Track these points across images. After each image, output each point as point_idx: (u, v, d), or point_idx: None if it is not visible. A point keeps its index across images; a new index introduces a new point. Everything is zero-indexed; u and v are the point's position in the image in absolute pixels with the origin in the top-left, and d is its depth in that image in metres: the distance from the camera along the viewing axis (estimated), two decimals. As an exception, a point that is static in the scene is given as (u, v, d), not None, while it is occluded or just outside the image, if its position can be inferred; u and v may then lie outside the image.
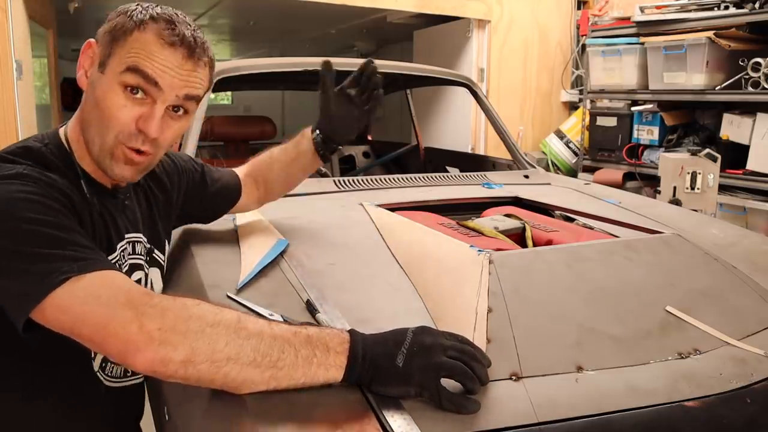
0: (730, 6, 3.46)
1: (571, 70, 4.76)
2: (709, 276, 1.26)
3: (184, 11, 0.99)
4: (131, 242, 1.09)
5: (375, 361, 0.81)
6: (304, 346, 0.80)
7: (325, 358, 0.80)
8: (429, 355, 0.81)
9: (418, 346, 0.82)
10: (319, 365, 0.80)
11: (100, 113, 0.94)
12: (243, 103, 8.72)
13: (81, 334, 0.80)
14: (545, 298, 1.07)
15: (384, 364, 0.81)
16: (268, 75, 2.58)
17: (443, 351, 0.82)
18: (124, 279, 0.85)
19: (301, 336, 0.81)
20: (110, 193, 1.05)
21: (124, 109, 0.93)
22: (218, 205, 1.39)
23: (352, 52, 6.96)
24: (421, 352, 0.81)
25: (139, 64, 0.92)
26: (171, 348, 0.76)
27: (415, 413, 0.80)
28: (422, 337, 0.83)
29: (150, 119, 0.94)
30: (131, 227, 1.09)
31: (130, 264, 1.08)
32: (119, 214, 1.06)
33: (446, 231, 1.40)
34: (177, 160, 1.29)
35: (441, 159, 3.27)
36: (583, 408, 0.85)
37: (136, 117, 0.94)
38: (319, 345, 0.81)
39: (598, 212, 1.70)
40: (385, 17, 4.64)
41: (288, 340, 0.80)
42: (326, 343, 0.81)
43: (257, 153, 1.51)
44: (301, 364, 0.79)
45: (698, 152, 3.05)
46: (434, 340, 0.83)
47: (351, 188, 1.85)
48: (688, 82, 3.61)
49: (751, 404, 0.92)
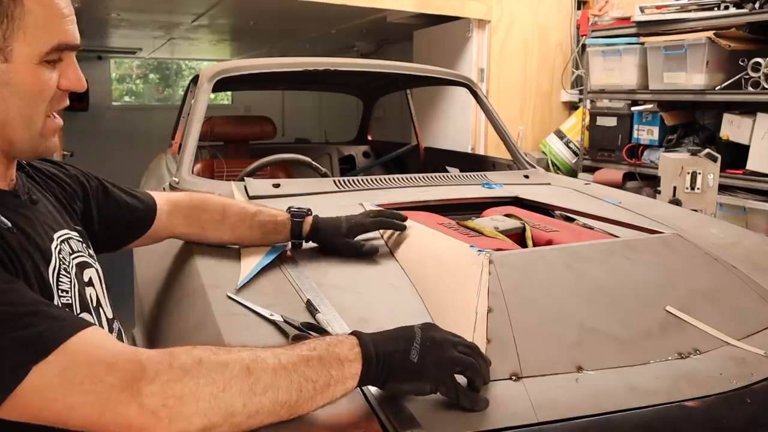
0: (730, 6, 3.46)
1: (571, 70, 4.76)
2: (709, 276, 1.26)
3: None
4: (64, 240, 0.96)
5: (389, 359, 0.79)
6: (319, 373, 0.75)
7: (341, 373, 0.77)
8: (442, 350, 0.81)
9: (429, 341, 0.81)
10: (336, 384, 0.76)
11: (25, 101, 0.83)
12: (243, 103, 8.72)
13: (71, 425, 0.69)
14: (545, 298, 1.07)
15: (398, 361, 0.79)
16: (268, 75, 2.58)
17: (454, 346, 0.82)
18: (94, 342, 0.72)
19: (314, 362, 0.75)
20: (12, 195, 0.91)
21: (51, 80, 0.85)
22: (120, 227, 1.21)
23: (352, 52, 6.96)
24: (434, 348, 0.81)
25: (64, 39, 0.84)
26: (185, 422, 0.67)
27: (416, 413, 0.80)
28: (431, 333, 0.83)
29: (78, 75, 0.88)
30: (55, 225, 0.96)
31: (77, 264, 0.96)
32: (33, 215, 0.92)
33: (446, 231, 1.40)
34: (64, 165, 1.14)
35: (441, 159, 3.27)
36: (583, 408, 0.86)
37: (57, 80, 0.86)
38: (333, 363, 0.76)
39: (598, 212, 1.70)
40: (385, 17, 4.64)
41: (303, 374, 0.74)
42: (338, 356, 0.77)
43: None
44: (320, 391, 0.75)
45: (698, 152, 3.05)
46: (443, 335, 0.84)
47: (351, 188, 1.85)
48: (688, 82, 3.61)
49: (751, 404, 0.92)
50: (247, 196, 1.69)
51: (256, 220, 1.29)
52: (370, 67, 2.70)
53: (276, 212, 1.32)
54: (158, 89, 10.26)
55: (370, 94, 3.72)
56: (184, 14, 5.19)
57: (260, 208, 1.32)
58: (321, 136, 6.00)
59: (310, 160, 2.10)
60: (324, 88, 4.13)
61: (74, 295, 0.92)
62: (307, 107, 8.82)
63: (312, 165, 2.08)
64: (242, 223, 1.30)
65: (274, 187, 1.77)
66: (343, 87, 3.82)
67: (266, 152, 2.30)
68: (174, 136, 2.67)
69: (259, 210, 1.31)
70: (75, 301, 0.91)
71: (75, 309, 0.91)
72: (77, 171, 1.15)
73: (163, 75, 10.17)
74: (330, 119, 7.84)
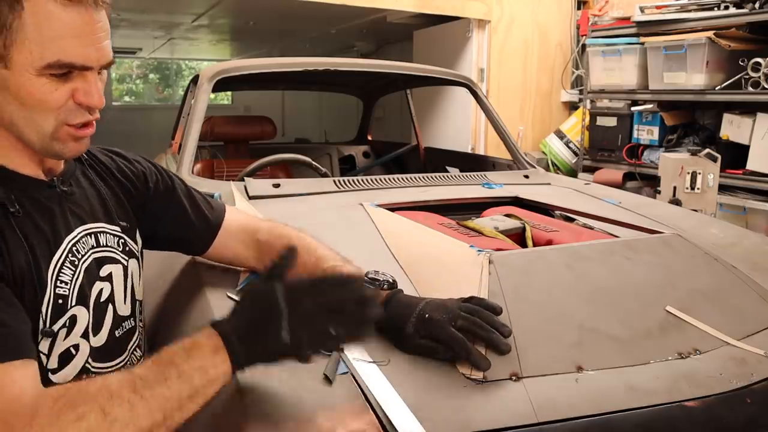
0: (730, 6, 3.46)
1: (571, 70, 4.76)
2: (709, 276, 1.26)
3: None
4: (92, 234, 1.00)
5: (261, 347, 0.79)
6: (181, 388, 0.76)
7: (205, 379, 0.77)
8: (313, 319, 0.79)
9: (298, 313, 0.79)
10: (204, 387, 0.77)
11: (26, 107, 0.86)
12: (243, 103, 8.72)
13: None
14: (545, 298, 1.07)
15: (271, 344, 0.79)
16: (268, 75, 2.58)
17: (324, 309, 0.80)
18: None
19: (172, 381, 0.76)
20: (46, 185, 0.95)
21: (56, 92, 0.86)
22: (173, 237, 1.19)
23: (352, 52, 6.96)
24: (305, 320, 0.79)
25: (62, 58, 0.84)
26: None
27: (416, 413, 0.80)
28: (299, 300, 0.80)
29: (90, 93, 0.88)
30: (87, 217, 1.00)
31: (96, 258, 0.99)
32: (61, 206, 0.96)
33: (446, 231, 1.40)
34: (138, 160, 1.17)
35: (441, 159, 3.27)
36: (583, 408, 0.86)
37: (70, 93, 0.87)
38: (194, 374, 0.77)
39: (598, 212, 1.70)
40: (385, 17, 4.64)
41: (162, 396, 0.75)
42: (199, 366, 0.77)
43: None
44: (186, 402, 0.76)
45: (698, 152, 3.05)
46: (312, 300, 0.80)
47: (351, 188, 1.85)
48: (688, 82, 3.61)
49: (751, 404, 0.92)
50: (247, 196, 1.69)
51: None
52: (370, 67, 2.70)
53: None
54: (158, 89, 10.26)
55: (370, 94, 3.73)
56: (184, 14, 5.19)
57: (335, 264, 1.07)
58: (321, 136, 6.00)
59: (310, 160, 2.09)
60: (324, 88, 4.13)
61: (73, 288, 0.94)
62: (307, 107, 8.83)
63: (312, 165, 2.08)
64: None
65: (274, 187, 1.77)
66: (343, 87, 3.82)
67: (266, 152, 2.30)
68: (174, 136, 2.66)
69: (333, 267, 1.06)
70: (72, 293, 0.94)
71: (70, 301, 0.93)
72: (149, 168, 1.16)
73: (163, 75, 10.18)
74: (330, 119, 7.84)
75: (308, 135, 6.33)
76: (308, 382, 0.85)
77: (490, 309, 0.95)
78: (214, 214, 1.21)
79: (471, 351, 0.89)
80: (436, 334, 0.91)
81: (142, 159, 1.18)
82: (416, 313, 0.93)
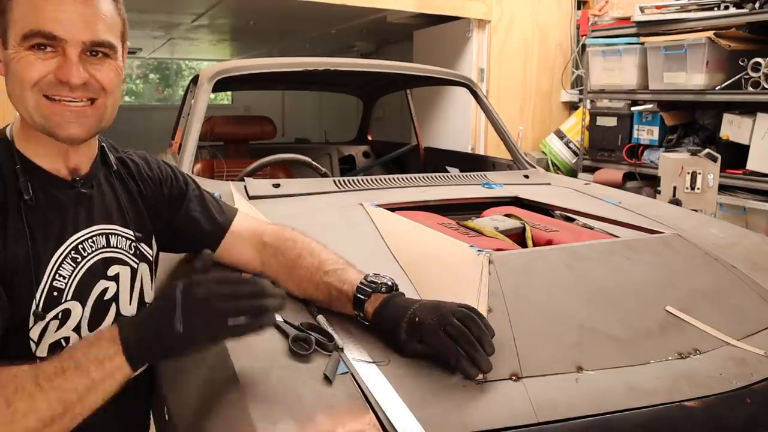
0: (730, 6, 3.46)
1: (571, 70, 4.76)
2: (709, 276, 1.26)
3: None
4: (103, 234, 1.04)
5: (157, 338, 0.81)
6: (77, 380, 0.78)
7: (102, 371, 0.79)
8: (205, 309, 0.81)
9: (191, 303, 0.81)
10: (102, 381, 0.79)
11: (18, 84, 0.92)
12: (243, 103, 8.72)
13: None
14: (545, 298, 1.07)
15: (167, 337, 0.80)
16: (268, 75, 2.58)
17: (219, 299, 0.82)
18: None
19: (70, 372, 0.79)
20: (67, 185, 1.00)
21: (36, 63, 0.90)
22: (185, 241, 1.23)
23: (352, 52, 6.96)
24: (197, 309, 0.81)
25: (34, 27, 0.89)
26: None
27: (416, 413, 0.80)
28: (193, 292, 0.82)
29: (65, 66, 0.91)
30: (100, 218, 1.04)
31: (103, 258, 1.03)
32: (75, 206, 1.00)
33: (446, 231, 1.40)
34: (158, 166, 1.21)
35: (441, 159, 3.27)
36: (583, 408, 0.86)
37: (52, 70, 0.91)
38: (90, 366, 0.79)
39: (598, 212, 1.70)
40: (385, 17, 4.64)
41: (60, 388, 0.78)
42: (96, 356, 0.80)
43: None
44: (84, 394, 0.78)
45: (698, 152, 3.05)
46: (205, 291, 0.82)
47: (351, 188, 1.85)
48: (688, 82, 3.61)
49: (751, 404, 0.92)
50: (247, 196, 1.69)
51: (323, 281, 1.07)
52: (370, 67, 2.70)
53: (349, 277, 1.05)
54: (158, 89, 10.27)
55: (370, 94, 3.73)
56: (184, 14, 5.19)
57: (338, 267, 1.08)
58: (321, 136, 5.99)
59: (310, 160, 2.09)
60: (324, 88, 4.13)
61: (70, 283, 0.98)
62: (307, 107, 8.83)
63: (312, 165, 2.08)
64: (310, 280, 1.10)
65: (274, 187, 1.77)
66: (343, 87, 3.82)
67: (266, 152, 2.30)
68: (174, 136, 2.67)
69: (335, 270, 1.08)
70: (69, 288, 0.97)
71: (65, 295, 0.97)
72: (168, 175, 1.20)
73: (163, 75, 10.19)
74: (330, 119, 7.84)
75: (308, 135, 6.33)
76: (308, 382, 0.85)
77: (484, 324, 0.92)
78: (224, 218, 1.23)
79: (460, 359, 0.87)
80: (427, 339, 0.90)
81: (163, 164, 1.22)
82: (407, 317, 0.93)
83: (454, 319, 0.90)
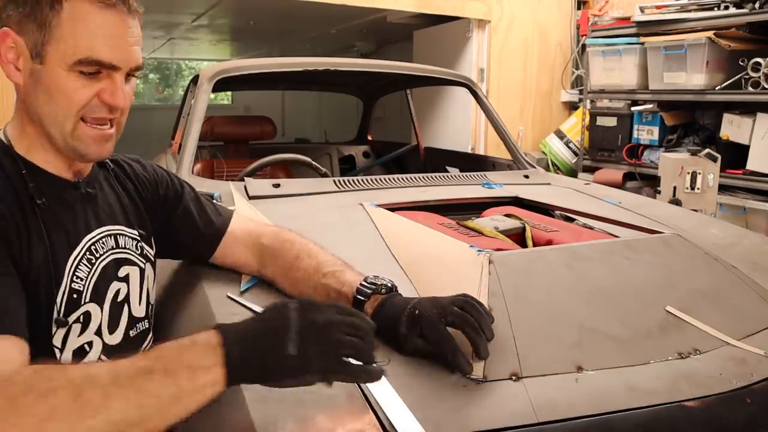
0: (730, 6, 3.46)
1: (571, 70, 4.76)
2: (709, 276, 1.26)
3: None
4: (112, 235, 1.04)
5: (262, 357, 0.72)
6: (163, 386, 0.69)
7: (193, 383, 0.69)
8: (326, 335, 0.73)
9: (310, 326, 0.73)
10: (191, 394, 0.70)
11: (54, 102, 0.91)
12: (243, 103, 8.72)
13: None
14: (545, 298, 1.07)
15: (274, 357, 0.72)
16: (268, 75, 2.58)
17: (339, 329, 0.74)
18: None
19: (157, 375, 0.69)
20: (72, 185, 1.00)
21: (83, 89, 0.91)
22: (183, 243, 1.22)
23: (352, 52, 6.96)
24: (316, 334, 0.73)
25: (92, 55, 0.90)
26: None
27: (416, 413, 0.80)
28: (312, 316, 0.74)
29: (114, 91, 0.93)
30: (107, 219, 1.04)
31: (115, 259, 1.03)
32: (83, 206, 1.01)
33: (446, 231, 1.40)
34: (153, 168, 1.22)
35: (441, 159, 3.27)
36: (583, 408, 0.86)
37: (96, 92, 0.92)
38: (182, 372, 0.69)
39: (598, 212, 1.70)
40: (385, 17, 4.64)
41: (142, 390, 0.68)
42: (189, 364, 0.70)
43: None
44: (168, 405, 0.69)
45: (698, 152, 3.05)
46: (326, 317, 0.75)
47: (351, 188, 1.85)
48: (688, 82, 3.61)
49: (751, 404, 0.92)
50: (247, 196, 1.69)
51: (322, 282, 1.07)
52: (370, 67, 2.70)
53: (348, 278, 1.05)
54: (158, 89, 10.26)
55: (370, 94, 3.73)
56: (184, 14, 5.19)
57: (336, 269, 1.08)
58: (321, 136, 6.00)
59: (310, 160, 2.09)
60: (324, 88, 4.13)
61: (88, 285, 0.97)
62: (307, 107, 8.83)
63: (312, 165, 2.08)
64: (308, 282, 1.10)
65: (274, 187, 1.77)
66: (343, 87, 3.82)
67: (266, 152, 2.30)
68: (174, 136, 2.67)
69: (334, 271, 1.07)
70: (87, 289, 0.97)
71: (84, 297, 0.96)
72: (164, 177, 1.21)
73: (163, 75, 10.18)
74: (330, 119, 7.84)
75: (308, 135, 6.33)
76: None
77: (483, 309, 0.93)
78: (220, 220, 1.23)
79: (455, 352, 0.88)
80: (427, 332, 0.91)
81: (157, 167, 1.23)
82: (407, 311, 0.93)
83: (455, 308, 0.91)
